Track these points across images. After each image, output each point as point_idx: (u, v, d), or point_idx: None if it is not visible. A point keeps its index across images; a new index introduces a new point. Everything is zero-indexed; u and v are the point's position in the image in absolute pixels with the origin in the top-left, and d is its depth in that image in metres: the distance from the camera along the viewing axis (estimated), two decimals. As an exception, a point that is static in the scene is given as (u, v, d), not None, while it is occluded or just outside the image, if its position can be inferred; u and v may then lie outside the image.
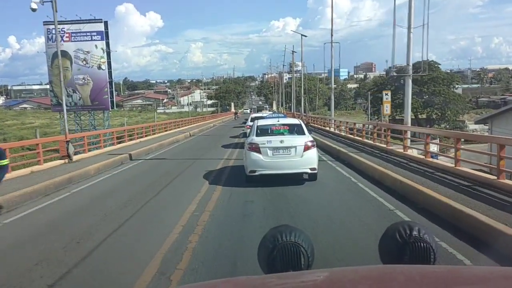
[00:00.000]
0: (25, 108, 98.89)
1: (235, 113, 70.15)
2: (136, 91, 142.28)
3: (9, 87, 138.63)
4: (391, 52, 14.46)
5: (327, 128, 27.72)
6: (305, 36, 37.63)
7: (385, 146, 14.69)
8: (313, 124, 32.66)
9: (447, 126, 46.70)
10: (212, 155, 16.88)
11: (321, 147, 17.40)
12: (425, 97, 49.59)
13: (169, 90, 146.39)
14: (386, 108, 18.45)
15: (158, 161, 16.33)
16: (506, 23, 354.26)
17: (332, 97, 30.86)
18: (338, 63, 29.39)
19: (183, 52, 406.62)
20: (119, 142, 21.48)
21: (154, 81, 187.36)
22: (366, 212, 7.41)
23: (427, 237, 1.49)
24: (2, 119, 71.57)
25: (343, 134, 21.46)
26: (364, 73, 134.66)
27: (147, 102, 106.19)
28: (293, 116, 33.90)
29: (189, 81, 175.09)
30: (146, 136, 25.84)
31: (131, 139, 22.93)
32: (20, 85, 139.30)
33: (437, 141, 30.18)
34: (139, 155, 17.58)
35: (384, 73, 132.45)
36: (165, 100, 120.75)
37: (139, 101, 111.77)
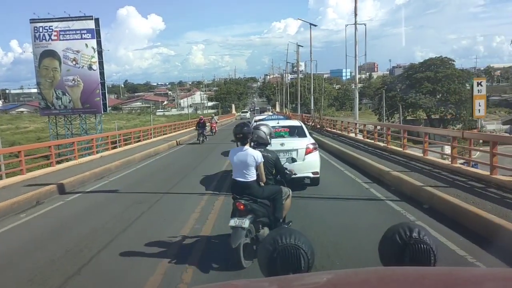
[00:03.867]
0: (22, 112, 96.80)
1: (205, 125, 26.80)
2: (136, 94, 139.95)
3: (7, 91, 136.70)
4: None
5: (352, 135, 20.96)
6: (315, 25, 34.55)
7: (486, 173, 8.65)
8: (329, 129, 27.05)
9: (464, 127, 43.88)
10: (194, 182, 11.38)
11: (363, 169, 11.95)
12: (438, 96, 46.82)
13: (170, 92, 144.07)
14: (479, 107, 12.02)
15: (100, 197, 10.23)
16: (508, 21, 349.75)
17: (357, 94, 24.04)
18: (364, 50, 24.25)
19: (184, 55, 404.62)
20: (67, 160, 15.81)
21: (155, 84, 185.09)
22: None
23: (427, 239, 1.49)
24: (-4, 123, 69.44)
25: (382, 144, 15.47)
26: (368, 73, 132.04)
27: (147, 105, 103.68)
28: (302, 119, 30.70)
29: (190, 83, 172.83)
30: (112, 148, 19.63)
31: (78, 157, 15.59)
32: (19, 88, 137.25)
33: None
34: (81, 184, 11.67)
35: (388, 72, 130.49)
36: (165, 102, 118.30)
37: (138, 104, 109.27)
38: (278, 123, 10.95)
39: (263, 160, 5.21)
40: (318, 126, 28.05)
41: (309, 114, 36.22)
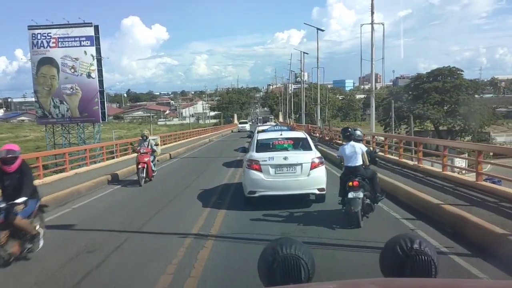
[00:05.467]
0: (23, 120, 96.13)
1: (26, 174, 6.06)
2: (138, 103, 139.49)
3: (9, 100, 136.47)
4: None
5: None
6: (322, 30, 33.36)
7: None
8: (339, 142, 23.80)
9: (473, 139, 42.62)
10: (179, 211, 9.19)
11: (397, 198, 9.13)
12: (446, 106, 45.60)
13: (172, 101, 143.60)
14: None
15: (44, 238, 6.53)
16: (510, 33, 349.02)
17: (373, 102, 20.66)
18: (382, 50, 20.55)
19: (188, 64, 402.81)
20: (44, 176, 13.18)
21: (158, 93, 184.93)
22: None
23: (428, 250, 1.49)
24: (-4, 132, 68.65)
25: (411, 163, 12.69)
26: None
27: (149, 114, 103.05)
28: (308, 130, 29.30)
29: (193, 92, 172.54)
30: (89, 163, 16.48)
31: (48, 173, 13.78)
32: (22, 97, 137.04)
33: (465, 155, 26.50)
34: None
35: (391, 83, 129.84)
36: (167, 112, 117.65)
37: (140, 113, 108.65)
38: (281, 134, 10.13)
39: (366, 149, 7.80)
40: (327, 138, 25.77)
41: (314, 125, 34.64)
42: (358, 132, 8.14)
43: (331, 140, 24.68)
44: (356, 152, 7.38)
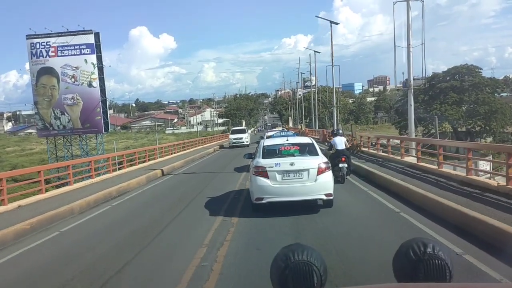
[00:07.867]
0: (30, 133, 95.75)
1: None
2: (146, 112, 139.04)
3: (17, 113, 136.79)
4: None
5: (410, 159, 14.68)
6: (337, 23, 31.64)
7: None
8: (365, 149, 19.94)
9: (495, 140, 40.37)
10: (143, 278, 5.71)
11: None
12: (464, 106, 43.42)
13: (180, 110, 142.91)
14: None
15: None
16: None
17: (411, 99, 17.87)
18: (421, 34, 17.21)
19: (196, 73, 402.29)
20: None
21: (166, 102, 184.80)
22: None
23: (441, 254, 1.45)
24: (3, 145, 68.13)
25: (493, 183, 9.18)
26: (383, 86, 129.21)
27: (157, 123, 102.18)
28: (323, 135, 27.64)
29: (201, 100, 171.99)
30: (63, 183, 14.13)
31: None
32: (31, 110, 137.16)
33: (490, 157, 24.58)
34: None
35: (401, 85, 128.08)
36: (175, 120, 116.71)
37: (148, 122, 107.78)
38: (287, 140, 10.06)
39: (345, 139, 14.16)
40: (349, 145, 22.07)
41: (329, 130, 32.60)
42: (340, 131, 15.07)
43: (356, 148, 20.08)
44: (342, 140, 13.52)
